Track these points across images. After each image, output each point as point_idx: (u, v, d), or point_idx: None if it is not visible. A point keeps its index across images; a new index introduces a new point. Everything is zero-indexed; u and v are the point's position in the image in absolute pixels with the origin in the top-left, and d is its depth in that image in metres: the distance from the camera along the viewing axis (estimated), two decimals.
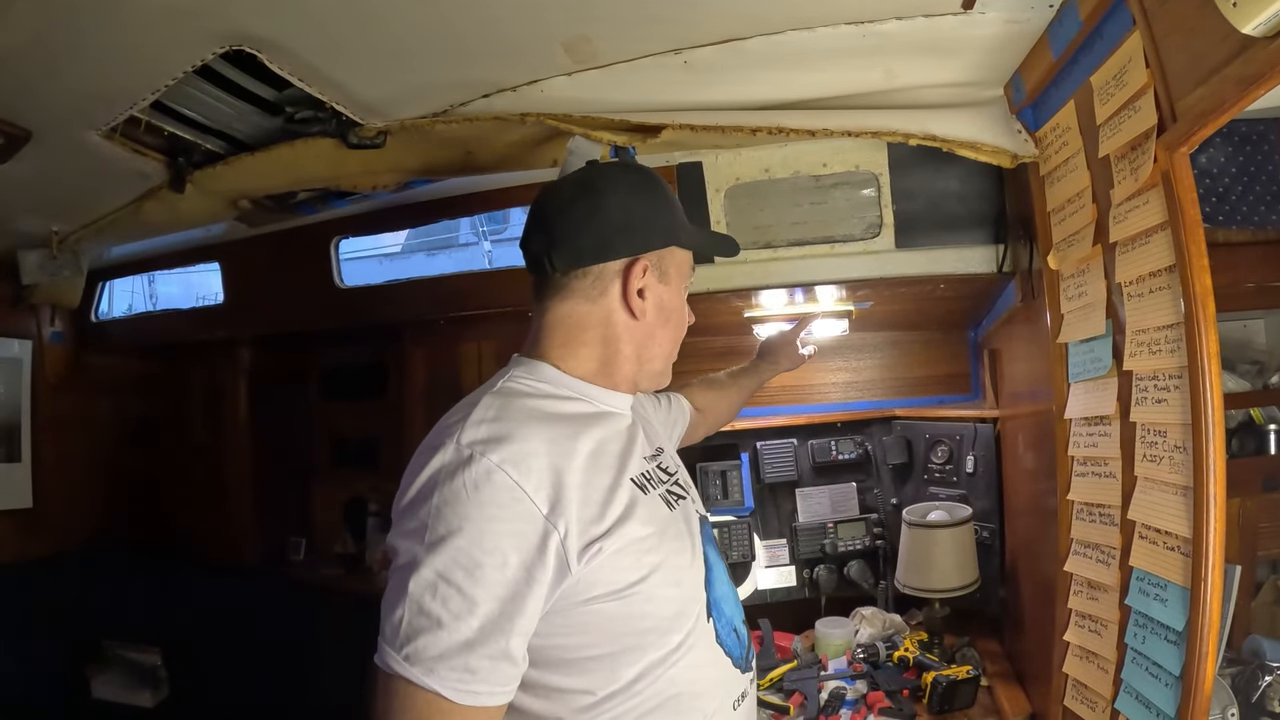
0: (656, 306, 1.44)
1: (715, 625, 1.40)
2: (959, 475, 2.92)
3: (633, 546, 1.25)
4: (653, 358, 1.48)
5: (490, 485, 1.14)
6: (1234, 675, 1.95)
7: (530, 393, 1.36)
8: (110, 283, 4.49)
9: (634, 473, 1.35)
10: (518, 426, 1.23)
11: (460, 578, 1.10)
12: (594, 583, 1.21)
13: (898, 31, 1.82)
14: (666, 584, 1.29)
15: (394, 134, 2.32)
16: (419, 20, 1.80)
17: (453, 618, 1.09)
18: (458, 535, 1.12)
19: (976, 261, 2.35)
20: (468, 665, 1.10)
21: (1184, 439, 1.44)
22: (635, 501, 1.29)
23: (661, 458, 1.53)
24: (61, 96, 2.11)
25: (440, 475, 1.17)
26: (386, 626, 1.12)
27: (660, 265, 1.44)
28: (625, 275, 1.40)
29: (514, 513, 1.15)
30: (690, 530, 1.43)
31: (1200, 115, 1.30)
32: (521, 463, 1.17)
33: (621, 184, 1.44)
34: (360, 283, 3.72)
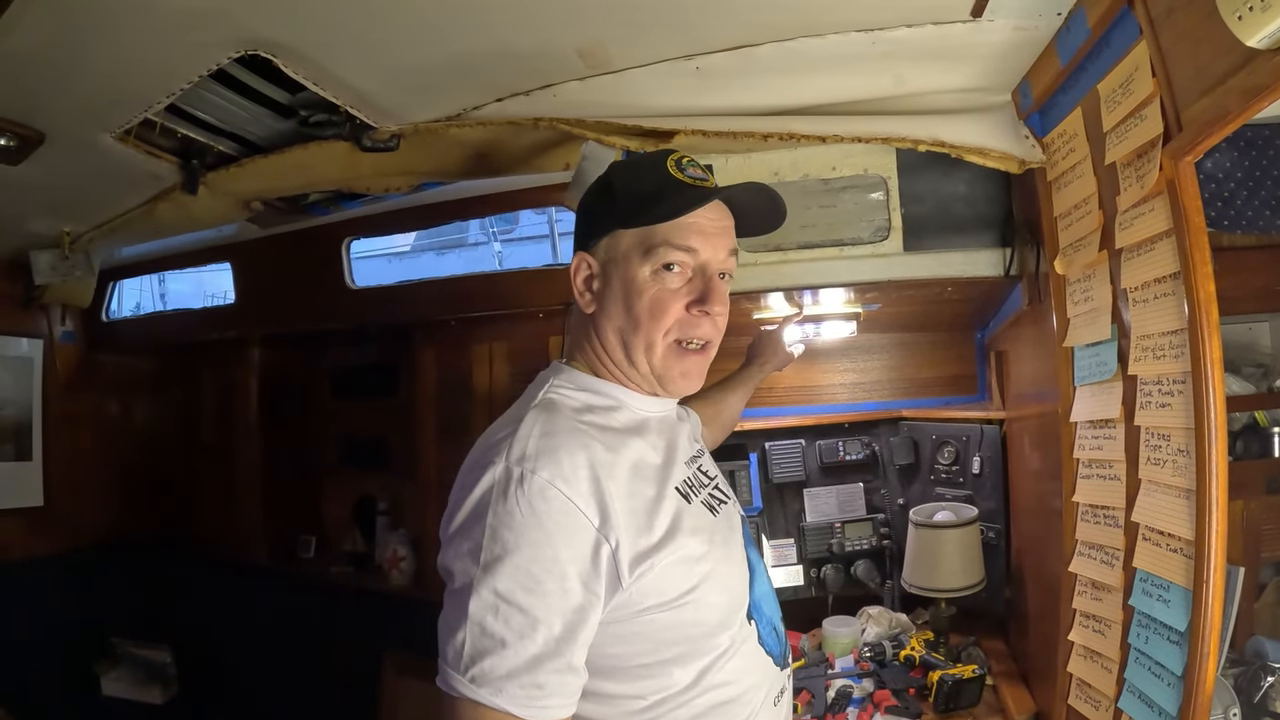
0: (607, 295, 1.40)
1: (757, 626, 1.41)
2: (965, 476, 2.93)
3: (683, 557, 1.25)
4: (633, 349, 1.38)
5: (544, 502, 1.14)
6: (1236, 675, 1.96)
7: (572, 404, 1.36)
8: (122, 283, 4.52)
9: (677, 481, 1.35)
10: (564, 440, 1.22)
11: (521, 596, 1.11)
12: (646, 593, 1.21)
13: (907, 38, 1.83)
14: (716, 591, 1.30)
15: (407, 137, 2.34)
16: (434, 25, 1.82)
17: (517, 636, 1.10)
18: (515, 554, 1.12)
19: (983, 265, 2.36)
20: (536, 681, 1.10)
21: (1187, 443, 1.46)
22: (681, 512, 1.29)
23: (702, 460, 1.53)
24: (76, 100, 2.13)
25: (493, 494, 1.16)
26: (448, 650, 1.12)
27: (607, 252, 1.40)
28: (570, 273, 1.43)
29: (569, 528, 1.15)
30: (734, 535, 1.44)
31: (1205, 125, 1.32)
32: (571, 477, 1.17)
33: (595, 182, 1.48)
34: (370, 282, 3.74)
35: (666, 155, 1.41)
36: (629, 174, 1.44)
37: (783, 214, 1.50)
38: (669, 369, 1.39)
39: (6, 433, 3.95)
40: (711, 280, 1.38)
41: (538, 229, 12.91)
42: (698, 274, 1.38)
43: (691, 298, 1.37)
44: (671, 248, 1.35)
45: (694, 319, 1.38)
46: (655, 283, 1.36)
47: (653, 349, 1.37)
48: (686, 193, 1.37)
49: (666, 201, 1.35)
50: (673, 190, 1.36)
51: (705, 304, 1.37)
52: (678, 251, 1.35)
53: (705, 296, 1.37)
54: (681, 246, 1.35)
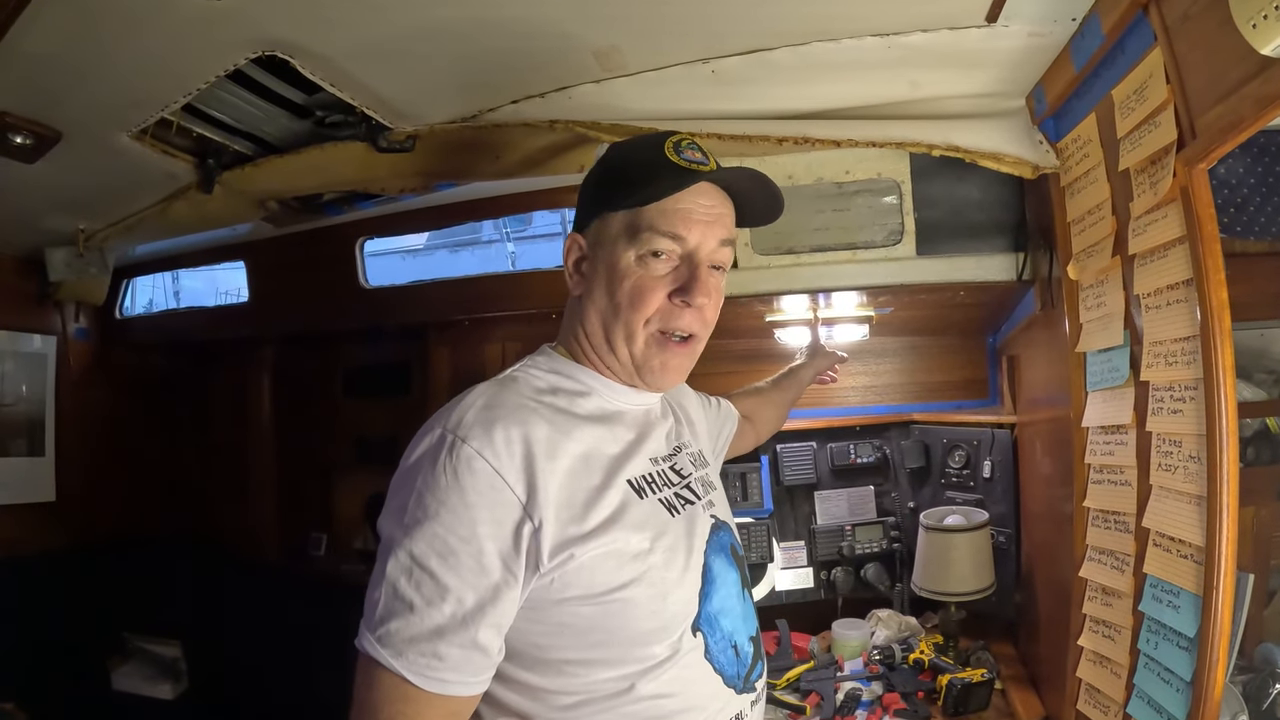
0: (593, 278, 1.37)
1: (707, 640, 1.32)
2: (976, 480, 2.93)
3: (615, 552, 1.20)
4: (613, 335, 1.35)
5: (470, 472, 1.12)
6: (1245, 682, 1.96)
7: (535, 383, 1.33)
8: (136, 280, 4.53)
9: (633, 474, 1.30)
10: (505, 415, 1.19)
11: (434, 563, 1.09)
12: (569, 584, 1.17)
13: (922, 43, 1.84)
14: (651, 594, 1.23)
15: (423, 138, 2.35)
16: (450, 27, 1.83)
17: (425, 603, 1.08)
18: (434, 520, 1.10)
19: (996, 269, 2.36)
20: (436, 652, 1.08)
21: (1199, 449, 1.46)
22: (626, 505, 1.24)
23: (677, 458, 1.46)
24: (93, 99, 2.14)
25: (424, 460, 1.15)
26: (366, 607, 1.12)
27: (597, 235, 1.37)
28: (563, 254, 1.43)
29: (492, 500, 1.12)
30: (691, 538, 1.34)
31: (1219, 132, 1.32)
32: (503, 451, 1.14)
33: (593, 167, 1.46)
34: (384, 282, 3.76)
35: (666, 136, 1.36)
36: (624, 154, 1.42)
37: (779, 203, 1.46)
38: (648, 359, 1.36)
39: (20, 428, 3.97)
40: (698, 270, 1.33)
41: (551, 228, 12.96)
42: (684, 262, 1.33)
43: (675, 286, 1.33)
44: (656, 233, 1.31)
45: (675, 309, 1.33)
46: (639, 269, 1.32)
47: (633, 338, 1.34)
48: (677, 174, 1.31)
49: (655, 183, 1.31)
50: (663, 172, 1.31)
51: (687, 294, 1.32)
52: (663, 238, 1.31)
53: (688, 286, 1.32)
54: (667, 233, 1.31)
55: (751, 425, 2.22)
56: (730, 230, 1.38)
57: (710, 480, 1.54)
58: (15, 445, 3.95)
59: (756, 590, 3.06)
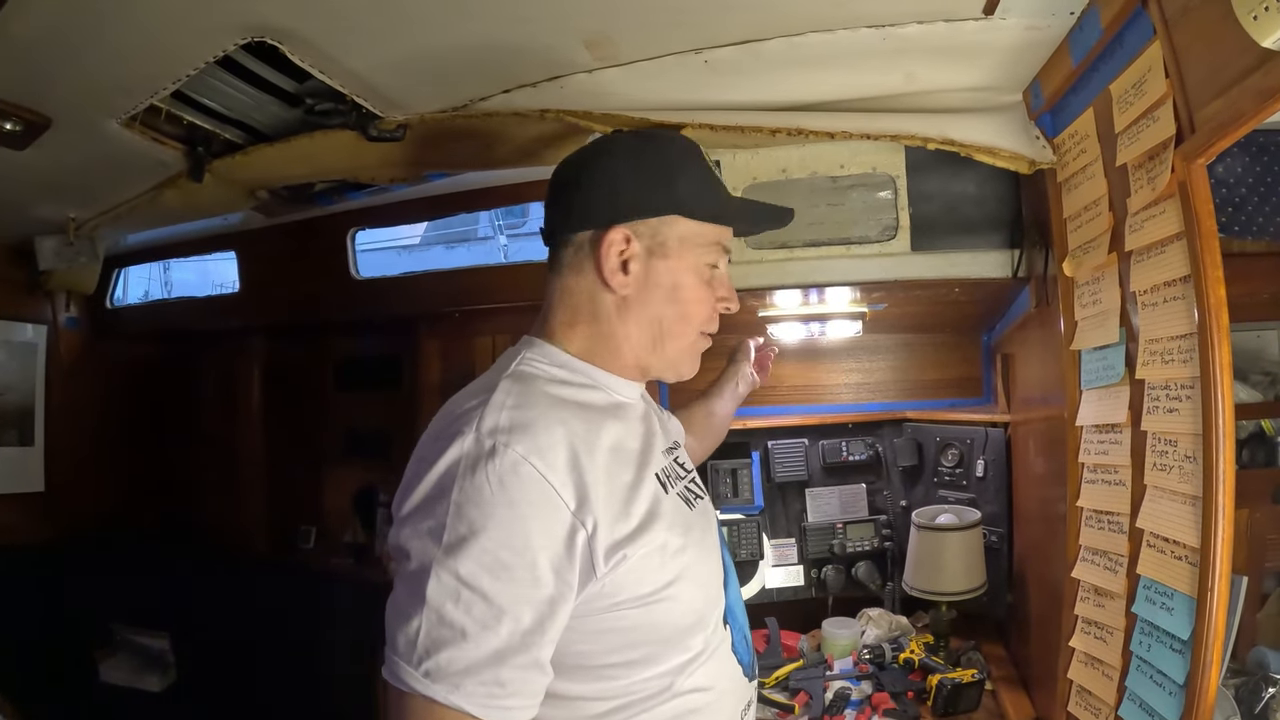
0: (649, 282, 1.32)
1: (732, 632, 1.35)
2: (969, 479, 2.92)
3: (659, 548, 1.18)
4: (663, 339, 1.35)
5: (517, 479, 1.05)
6: (1238, 686, 1.95)
7: (547, 378, 1.28)
8: (125, 270, 4.52)
9: (657, 468, 1.29)
10: (541, 414, 1.14)
11: (486, 582, 1.02)
12: (620, 586, 1.13)
13: (918, 35, 1.82)
14: (693, 588, 1.23)
15: (413, 127, 2.33)
16: (441, 14, 1.81)
17: (480, 627, 1.01)
18: (482, 535, 1.02)
19: (991, 266, 2.35)
20: (498, 678, 1.01)
21: (1194, 449, 1.44)
22: (659, 500, 1.23)
23: (679, 452, 1.47)
24: (82, 85, 2.12)
25: (460, 468, 1.07)
26: (399, 639, 1.03)
27: (655, 235, 1.32)
28: (597, 245, 1.31)
29: (542, 510, 1.06)
30: (710, 532, 1.38)
31: (1219, 127, 1.30)
32: (548, 454, 1.09)
33: (621, 149, 1.37)
34: (377, 274, 3.74)
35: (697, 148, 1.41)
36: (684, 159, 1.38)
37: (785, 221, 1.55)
38: (687, 359, 1.42)
39: (9, 418, 3.96)
40: (725, 277, 1.42)
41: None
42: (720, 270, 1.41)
43: (720, 294, 1.41)
44: (719, 248, 1.38)
45: (715, 315, 1.42)
46: (700, 277, 1.36)
47: (683, 341, 1.38)
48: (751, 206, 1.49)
49: (730, 204, 1.41)
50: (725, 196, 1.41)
51: (730, 300, 1.42)
52: (723, 253, 1.40)
53: (730, 293, 1.42)
54: (726, 248, 1.40)
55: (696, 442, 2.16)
56: None
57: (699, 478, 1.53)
58: (5, 435, 3.95)
59: (746, 589, 3.06)
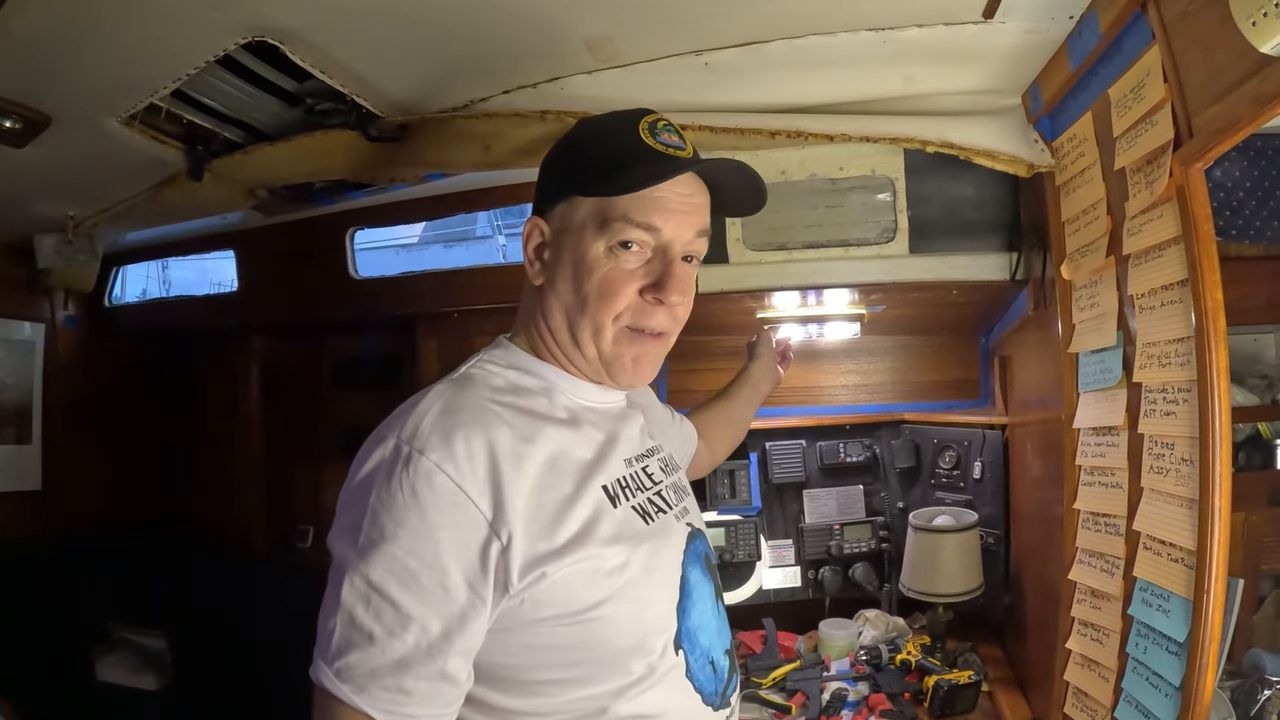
0: (556, 269, 1.27)
1: (687, 658, 1.24)
2: (966, 481, 2.92)
3: (588, 568, 1.11)
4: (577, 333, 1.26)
5: (430, 488, 1.03)
6: (1234, 688, 1.96)
7: (494, 381, 1.23)
8: (125, 268, 4.51)
9: (607, 479, 1.22)
10: (466, 421, 1.10)
11: (394, 589, 1.00)
12: (543, 603, 1.09)
13: (918, 39, 1.82)
14: (628, 611, 1.15)
15: (413, 127, 2.34)
16: (442, 14, 1.81)
17: (386, 633, 1.00)
18: (392, 542, 1.01)
19: (989, 268, 2.35)
20: (402, 686, 1.00)
21: (1191, 452, 1.45)
22: (599, 516, 1.16)
23: (649, 461, 1.38)
24: (82, 83, 2.12)
25: (378, 473, 1.06)
26: (320, 635, 1.03)
27: (564, 220, 1.26)
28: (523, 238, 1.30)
29: (455, 519, 1.03)
30: (668, 549, 1.27)
31: (1217, 132, 1.31)
32: (465, 463, 1.05)
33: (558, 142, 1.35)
34: (375, 273, 3.74)
35: (640, 115, 1.26)
36: (595, 133, 1.31)
37: (763, 197, 1.39)
38: (619, 356, 1.27)
39: (7, 416, 3.95)
40: (672, 264, 1.24)
41: None
42: (658, 255, 1.25)
43: (647, 281, 1.24)
44: (630, 224, 1.21)
45: (647, 307, 1.25)
46: (609, 260, 1.22)
47: (601, 333, 1.25)
48: (657, 162, 1.22)
49: (633, 170, 1.21)
50: (642, 158, 1.22)
51: (661, 291, 1.23)
52: (637, 229, 1.21)
53: (662, 283, 1.23)
54: (642, 223, 1.21)
55: (707, 447, 2.11)
56: (706, 221, 1.31)
57: (683, 485, 1.47)
58: (2, 433, 3.93)
59: (743, 589, 3.06)
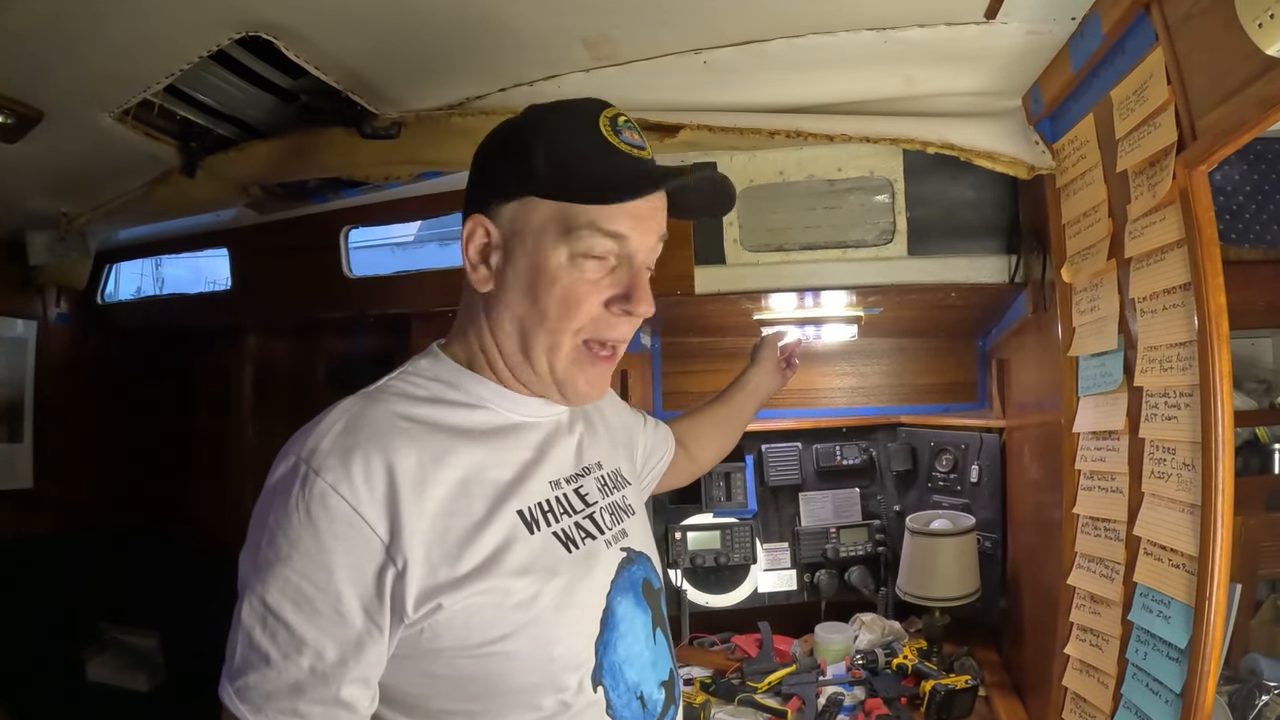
0: (507, 276, 1.18)
1: (608, 694, 1.17)
2: (963, 484, 2.92)
3: (491, 600, 1.06)
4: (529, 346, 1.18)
5: (324, 510, 0.99)
6: (1231, 693, 1.96)
7: (411, 395, 1.17)
8: (117, 265, 4.49)
9: (525, 503, 1.15)
10: (366, 441, 1.05)
11: (289, 612, 0.97)
12: (440, 633, 1.04)
13: (919, 38, 1.81)
14: (533, 648, 1.09)
15: (409, 125, 2.32)
16: (439, 11, 1.79)
17: (281, 656, 0.97)
18: (286, 564, 0.98)
19: (988, 271, 2.35)
20: (296, 709, 0.97)
21: (1193, 457, 1.44)
22: (510, 543, 1.10)
23: (584, 481, 1.30)
24: (75, 78, 2.10)
25: (278, 492, 1.02)
26: (227, 651, 1.01)
27: (517, 222, 1.16)
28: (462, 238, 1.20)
29: (350, 542, 0.99)
30: (590, 579, 1.20)
31: (1221, 134, 1.30)
32: (362, 485, 1.01)
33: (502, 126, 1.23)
34: (370, 272, 3.72)
35: (598, 109, 1.18)
36: (553, 127, 1.18)
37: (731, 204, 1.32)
38: (572, 377, 1.21)
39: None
40: (638, 274, 1.18)
41: None
42: (622, 264, 1.18)
43: (614, 293, 1.17)
44: (598, 232, 1.13)
45: (612, 319, 1.18)
46: (572, 270, 1.14)
47: (557, 349, 1.18)
48: (631, 171, 1.15)
49: (606, 177, 1.13)
50: (612, 163, 1.15)
51: (630, 303, 1.17)
52: (605, 238, 1.14)
53: (630, 294, 1.17)
54: (609, 232, 1.14)
55: (687, 453, 2.05)
56: (665, 226, 1.23)
57: (627, 504, 1.39)
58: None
59: (738, 592, 3.05)
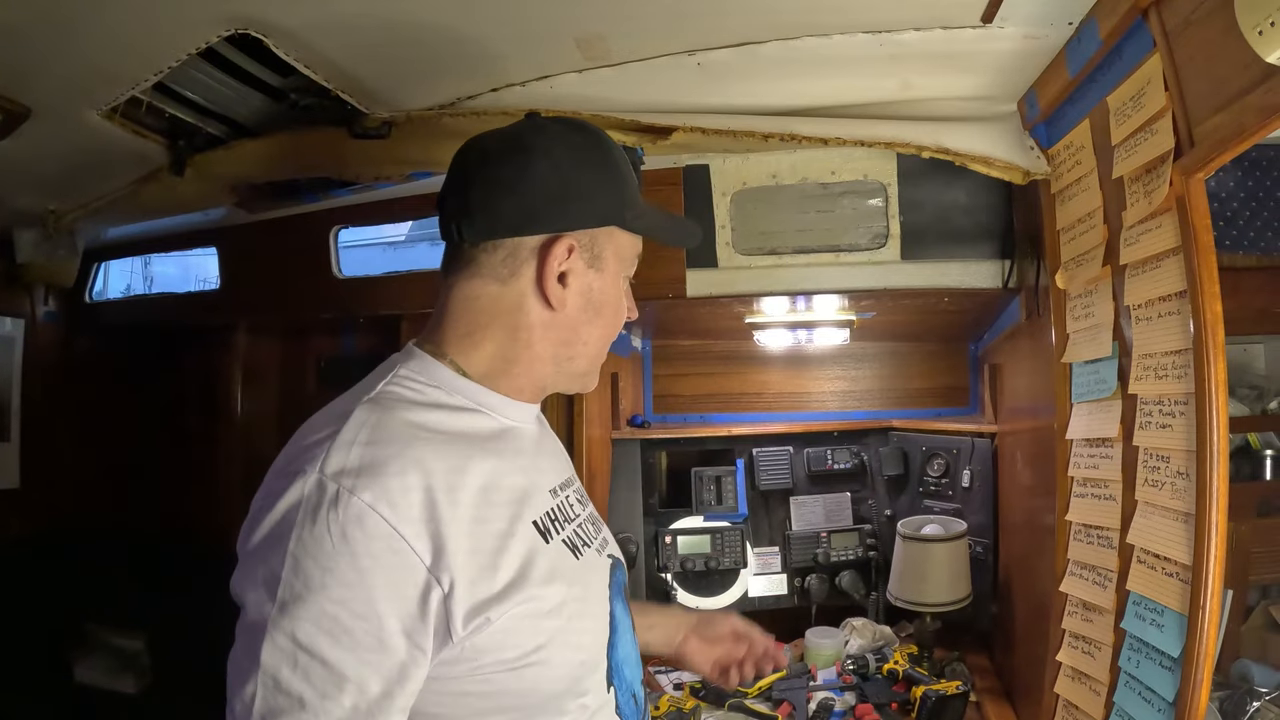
0: (583, 296, 1.20)
1: (616, 694, 1.20)
2: (955, 489, 2.92)
3: (531, 610, 1.04)
4: (574, 356, 1.24)
5: (362, 532, 0.93)
6: (1222, 699, 1.96)
7: (415, 400, 1.12)
8: (106, 264, 4.46)
9: (537, 513, 1.14)
10: (397, 452, 1.00)
11: (325, 646, 0.90)
12: (482, 650, 1.00)
13: (915, 42, 1.80)
14: (568, 651, 1.09)
15: (399, 125, 2.30)
16: (430, 10, 1.78)
17: (319, 696, 0.89)
18: (320, 593, 0.91)
19: (982, 276, 2.35)
20: None
21: (1187, 465, 1.44)
22: (535, 554, 1.08)
23: (568, 491, 1.30)
24: (63, 75, 2.08)
25: (299, 513, 0.94)
26: (236, 704, 0.91)
27: (593, 247, 1.20)
28: (543, 255, 1.16)
29: (391, 565, 0.94)
30: (598, 584, 1.22)
31: (1219, 142, 1.30)
32: (400, 501, 0.95)
33: (559, 144, 1.20)
34: (361, 272, 3.71)
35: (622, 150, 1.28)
36: (621, 162, 1.26)
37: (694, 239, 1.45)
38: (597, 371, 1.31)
39: None
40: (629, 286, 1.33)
41: None
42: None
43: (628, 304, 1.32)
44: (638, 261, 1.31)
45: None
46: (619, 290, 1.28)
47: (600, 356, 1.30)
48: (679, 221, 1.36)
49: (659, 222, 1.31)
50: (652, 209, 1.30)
51: (634, 312, 1.33)
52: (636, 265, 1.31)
53: (633, 306, 1.33)
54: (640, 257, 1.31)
55: None
56: None
57: (597, 516, 1.38)
58: None
59: (727, 596, 3.06)
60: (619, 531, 2.98)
